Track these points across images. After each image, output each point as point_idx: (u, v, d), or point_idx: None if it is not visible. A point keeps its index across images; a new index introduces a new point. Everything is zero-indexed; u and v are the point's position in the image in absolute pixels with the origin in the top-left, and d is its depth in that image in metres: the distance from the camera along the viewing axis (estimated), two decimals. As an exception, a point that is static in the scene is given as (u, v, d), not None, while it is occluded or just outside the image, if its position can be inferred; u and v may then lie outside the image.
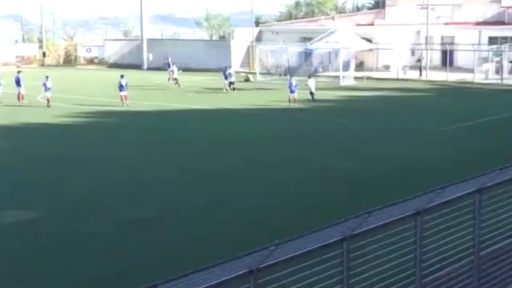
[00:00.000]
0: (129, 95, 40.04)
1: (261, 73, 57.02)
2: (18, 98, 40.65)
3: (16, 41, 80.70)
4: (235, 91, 46.58)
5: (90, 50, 76.47)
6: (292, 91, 39.76)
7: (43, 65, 74.09)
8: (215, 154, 25.88)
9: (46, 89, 39.59)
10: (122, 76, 40.11)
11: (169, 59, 51.91)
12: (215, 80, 52.92)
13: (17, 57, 73.79)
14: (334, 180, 21.46)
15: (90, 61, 75.45)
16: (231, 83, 46.79)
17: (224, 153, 26.15)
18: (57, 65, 74.35)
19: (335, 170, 22.91)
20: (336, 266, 9.17)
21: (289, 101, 39.60)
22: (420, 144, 27.90)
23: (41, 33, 78.50)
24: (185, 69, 57.68)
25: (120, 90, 39.67)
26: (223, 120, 35.36)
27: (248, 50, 65.54)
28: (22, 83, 41.10)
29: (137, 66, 67.52)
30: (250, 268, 8.09)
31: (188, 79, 51.97)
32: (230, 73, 47.05)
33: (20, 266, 14.46)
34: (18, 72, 42.11)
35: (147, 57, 69.59)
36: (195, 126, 33.22)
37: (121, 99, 39.63)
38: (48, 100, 39.26)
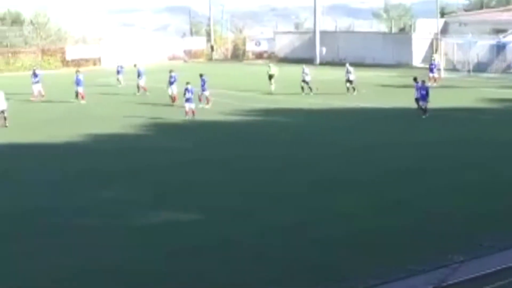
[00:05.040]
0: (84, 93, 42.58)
1: (446, 69, 55.66)
2: (172, 100, 40.57)
3: (184, 34, 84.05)
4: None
5: (260, 43, 77.99)
6: (423, 98, 34.62)
7: (210, 59, 76.64)
8: (374, 157, 25.83)
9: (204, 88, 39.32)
10: (77, 72, 44.07)
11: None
12: (392, 77, 52.62)
13: (184, 51, 76.91)
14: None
15: (259, 56, 76.92)
16: (305, 82, 45.26)
17: (381, 155, 25.93)
18: (224, 60, 76.67)
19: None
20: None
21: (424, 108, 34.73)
22: None
23: (209, 25, 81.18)
24: (360, 65, 57.63)
25: (78, 85, 42.60)
26: (398, 119, 34.91)
27: (431, 44, 64.05)
28: (175, 83, 40.83)
29: (309, 61, 68.03)
30: (433, 285, 7.92)
31: (362, 75, 51.79)
32: (306, 73, 45.38)
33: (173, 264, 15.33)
34: (170, 71, 41.63)
35: (320, 50, 70.00)
36: (359, 125, 33.40)
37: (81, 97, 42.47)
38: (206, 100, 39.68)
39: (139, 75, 45.78)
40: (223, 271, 14.84)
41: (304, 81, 44.60)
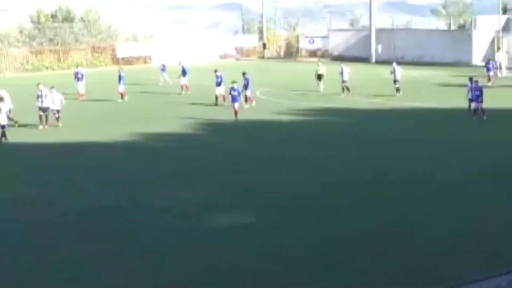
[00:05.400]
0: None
1: (508, 68, 54.55)
2: (223, 99, 39.74)
3: (236, 32, 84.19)
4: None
5: (313, 41, 77.70)
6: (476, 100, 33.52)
7: (262, 57, 76.60)
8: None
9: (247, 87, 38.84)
10: (120, 69, 44.99)
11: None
12: (451, 76, 51.75)
13: (236, 48, 76.97)
14: None
15: (312, 54, 76.61)
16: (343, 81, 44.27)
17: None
18: (277, 58, 76.46)
19: None
20: None
21: None
22: None
23: (261, 23, 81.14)
24: (418, 63, 56.97)
25: (119, 83, 42.88)
26: (449, 120, 34.12)
27: (492, 42, 62.80)
28: (222, 83, 39.93)
29: (364, 59, 67.45)
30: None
31: (421, 74, 51.11)
32: (347, 72, 44.13)
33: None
34: (215, 71, 40.69)
35: (375, 48, 69.31)
36: (409, 126, 32.74)
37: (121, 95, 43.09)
38: (249, 100, 39.17)
39: (184, 73, 45.83)
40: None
41: (343, 80, 44.23)
